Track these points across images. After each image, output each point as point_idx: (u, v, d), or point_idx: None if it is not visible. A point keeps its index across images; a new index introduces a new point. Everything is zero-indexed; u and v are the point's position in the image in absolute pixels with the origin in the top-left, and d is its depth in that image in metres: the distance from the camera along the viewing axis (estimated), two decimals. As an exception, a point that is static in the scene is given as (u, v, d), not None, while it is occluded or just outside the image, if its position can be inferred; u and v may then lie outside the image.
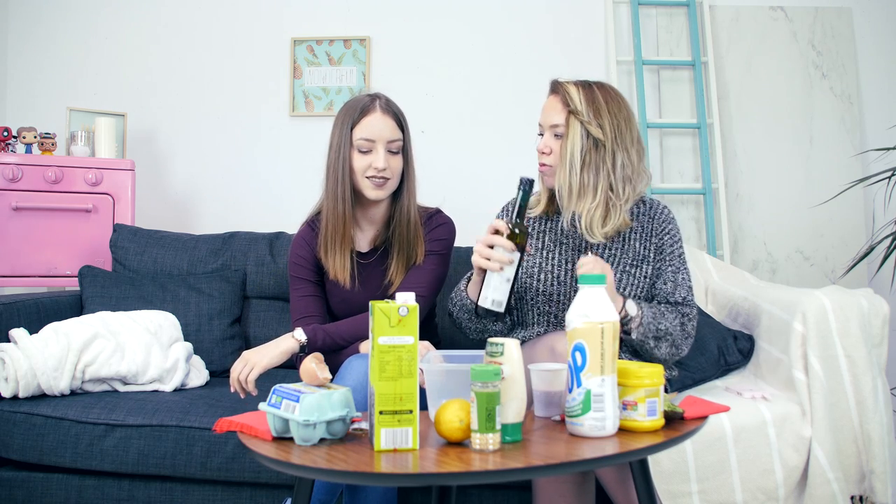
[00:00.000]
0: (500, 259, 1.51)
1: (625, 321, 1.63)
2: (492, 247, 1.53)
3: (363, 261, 1.87)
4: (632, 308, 1.62)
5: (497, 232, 1.54)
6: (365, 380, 1.53)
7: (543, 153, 1.71)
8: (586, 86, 1.69)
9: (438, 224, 1.88)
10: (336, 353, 1.75)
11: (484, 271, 1.55)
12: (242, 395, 1.67)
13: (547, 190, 1.79)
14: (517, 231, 1.53)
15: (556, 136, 1.69)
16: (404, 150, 1.82)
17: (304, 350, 1.71)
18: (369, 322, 1.17)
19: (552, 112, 1.70)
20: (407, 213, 1.83)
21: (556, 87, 1.72)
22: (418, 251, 1.84)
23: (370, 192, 1.78)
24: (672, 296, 1.71)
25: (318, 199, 1.90)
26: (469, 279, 1.73)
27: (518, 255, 1.53)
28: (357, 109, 1.78)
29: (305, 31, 3.02)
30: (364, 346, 1.73)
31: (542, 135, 1.73)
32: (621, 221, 1.68)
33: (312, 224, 1.90)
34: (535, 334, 1.75)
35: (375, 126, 1.76)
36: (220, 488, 1.81)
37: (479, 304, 1.55)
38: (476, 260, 1.55)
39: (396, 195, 1.85)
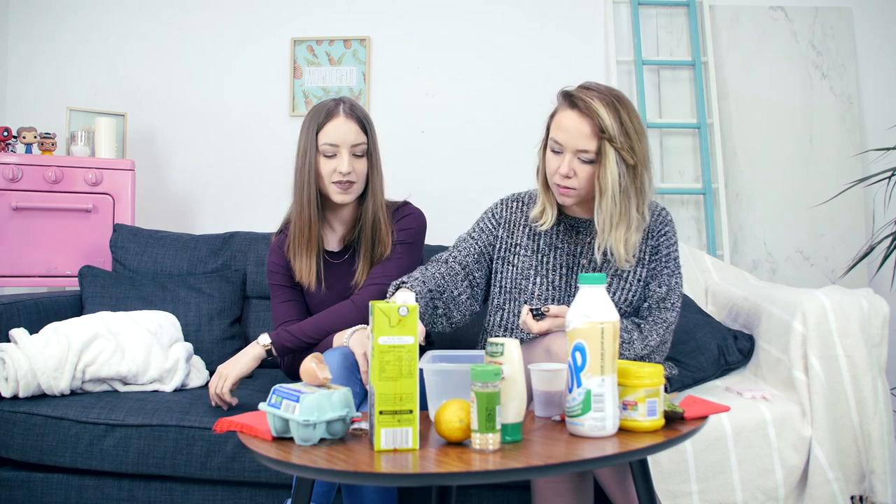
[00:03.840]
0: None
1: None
2: None
3: (335, 260, 1.91)
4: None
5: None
6: (340, 373, 1.56)
7: (567, 177, 1.61)
8: (609, 104, 1.58)
9: (405, 215, 1.91)
10: (310, 350, 1.80)
11: None
12: (225, 407, 1.77)
13: (555, 204, 1.72)
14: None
15: (581, 160, 1.60)
16: (369, 154, 1.85)
17: (271, 354, 1.78)
18: (369, 322, 1.17)
19: (579, 137, 1.58)
20: (372, 215, 1.86)
21: (579, 104, 1.58)
22: (385, 250, 1.87)
23: (336, 196, 1.83)
24: (664, 301, 1.70)
25: (289, 206, 1.93)
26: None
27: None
28: (322, 114, 1.82)
29: (305, 31, 3.02)
30: (338, 339, 1.75)
31: (558, 152, 1.62)
32: (639, 236, 1.68)
33: (284, 230, 1.94)
34: (529, 335, 1.75)
35: (339, 131, 1.80)
36: (220, 488, 1.81)
37: None
38: None
39: (362, 197, 1.88)
